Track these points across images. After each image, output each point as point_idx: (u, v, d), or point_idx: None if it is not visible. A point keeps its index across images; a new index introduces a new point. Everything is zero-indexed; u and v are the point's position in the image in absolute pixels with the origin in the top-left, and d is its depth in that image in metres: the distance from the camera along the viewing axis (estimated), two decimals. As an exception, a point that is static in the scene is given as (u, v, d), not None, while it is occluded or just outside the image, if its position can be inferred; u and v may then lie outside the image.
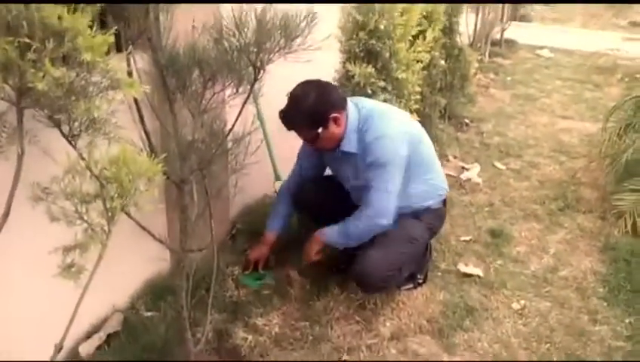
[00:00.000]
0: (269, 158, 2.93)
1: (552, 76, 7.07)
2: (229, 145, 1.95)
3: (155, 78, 1.77)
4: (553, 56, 8.23)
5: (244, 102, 1.77)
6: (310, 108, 2.18)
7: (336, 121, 2.22)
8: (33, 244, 1.57)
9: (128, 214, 1.36)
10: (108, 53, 1.09)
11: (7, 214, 1.16)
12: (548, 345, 2.28)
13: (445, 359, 2.20)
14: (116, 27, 1.63)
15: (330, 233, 2.35)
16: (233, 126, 1.85)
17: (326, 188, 2.58)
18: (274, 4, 1.61)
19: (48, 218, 1.14)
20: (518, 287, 2.65)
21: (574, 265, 2.86)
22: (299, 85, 2.25)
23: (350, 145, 2.28)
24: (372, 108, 2.32)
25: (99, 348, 2.11)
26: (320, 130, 2.21)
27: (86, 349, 2.09)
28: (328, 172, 2.64)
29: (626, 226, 3.11)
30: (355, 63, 2.61)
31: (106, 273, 1.27)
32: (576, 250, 3.02)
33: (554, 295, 2.61)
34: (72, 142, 1.23)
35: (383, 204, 2.25)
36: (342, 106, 2.25)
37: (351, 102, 2.32)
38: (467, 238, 3.05)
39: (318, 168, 2.62)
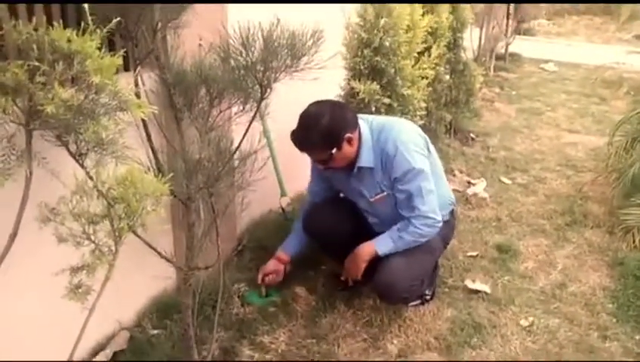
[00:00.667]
0: (274, 174, 2.93)
1: (557, 90, 7.07)
2: (236, 163, 1.95)
3: (162, 97, 1.78)
4: (558, 70, 8.24)
5: (251, 120, 1.78)
6: (324, 130, 2.16)
7: (349, 141, 2.22)
8: (41, 264, 1.57)
9: (135, 233, 1.37)
10: (116, 72, 1.10)
11: (15, 235, 1.17)
12: (557, 362, 2.26)
13: (453, 377, 2.18)
14: (124, 47, 1.65)
15: (384, 242, 2.31)
16: (240, 144, 1.86)
17: (335, 213, 2.55)
18: (280, 19, 1.62)
19: (56, 239, 1.14)
20: (526, 303, 2.63)
21: (583, 281, 2.84)
22: (311, 105, 2.24)
23: (367, 160, 2.27)
24: (381, 121, 2.33)
25: (105, 366, 2.10)
26: (334, 150, 2.20)
27: (92, 367, 2.08)
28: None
29: (634, 241, 3.09)
30: (359, 80, 2.62)
31: (112, 290, 1.27)
32: (584, 265, 2.99)
33: (563, 311, 2.58)
34: (80, 161, 1.24)
35: (430, 206, 2.26)
36: (355, 126, 2.25)
37: (360, 119, 2.32)
38: (474, 254, 3.03)
39: (328, 192, 2.61)
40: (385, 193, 2.34)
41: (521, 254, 3.07)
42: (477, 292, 2.68)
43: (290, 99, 2.21)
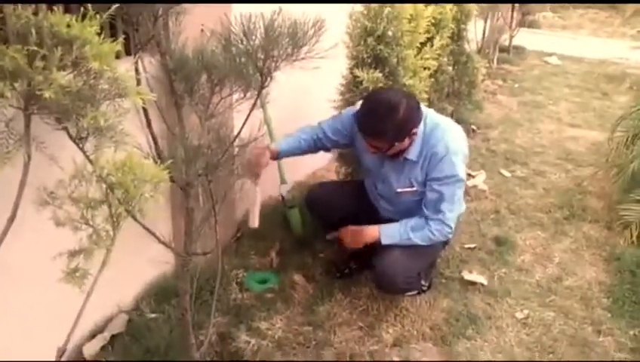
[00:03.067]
0: (275, 162, 2.93)
1: (560, 84, 7.04)
2: (236, 150, 1.95)
3: (163, 83, 1.79)
4: (561, 64, 8.20)
5: (252, 108, 1.78)
6: (399, 122, 2.12)
7: (413, 135, 2.21)
8: (39, 248, 1.58)
9: (134, 217, 1.37)
10: (117, 57, 1.11)
11: (13, 218, 1.18)
12: (551, 355, 2.28)
13: (447, 367, 2.20)
14: (125, 32, 1.65)
15: (391, 234, 2.31)
16: (240, 131, 1.86)
17: (343, 192, 2.58)
18: (283, 10, 1.62)
19: (54, 222, 1.15)
20: (522, 296, 2.65)
21: (579, 275, 2.85)
22: (383, 93, 2.23)
23: (414, 153, 2.26)
24: (436, 119, 2.30)
25: (103, 348, 2.13)
26: (397, 143, 2.18)
27: (90, 349, 2.10)
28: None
29: (631, 237, 3.09)
30: (362, 69, 2.62)
31: (111, 274, 1.28)
32: (581, 259, 3.01)
33: (558, 304, 2.60)
34: (80, 145, 1.24)
35: (454, 214, 2.28)
36: (420, 120, 2.22)
37: None
38: (472, 246, 3.05)
39: (333, 145, 2.56)
40: (414, 188, 2.32)
41: (518, 247, 3.09)
42: (473, 283, 2.70)
43: (291, 86, 2.21)
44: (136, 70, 1.70)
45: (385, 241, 2.30)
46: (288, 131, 2.45)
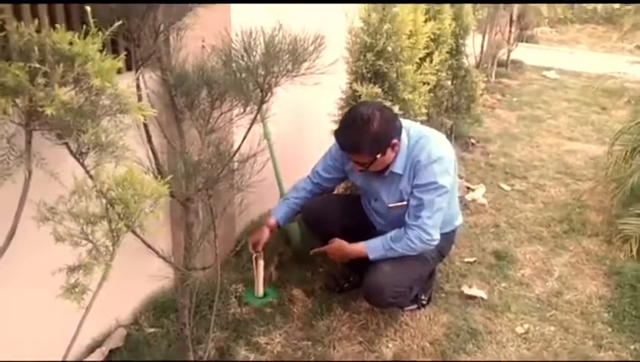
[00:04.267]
0: (273, 176, 2.94)
1: (558, 98, 7.07)
2: (235, 165, 1.96)
3: (163, 98, 1.79)
4: (560, 78, 8.24)
5: (252, 123, 1.79)
6: (375, 134, 2.14)
7: (394, 147, 2.21)
8: (38, 263, 1.58)
9: (134, 232, 1.37)
10: (119, 72, 1.11)
11: (12, 235, 1.18)
12: (551, 370, 2.27)
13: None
14: (127, 48, 1.66)
15: (375, 248, 2.31)
16: (240, 146, 1.86)
17: (339, 205, 2.59)
18: (284, 25, 1.63)
19: (54, 238, 1.15)
20: (522, 311, 2.64)
21: (579, 289, 2.84)
22: (359, 107, 2.23)
23: (399, 166, 2.27)
24: (419, 130, 2.32)
25: (101, 363, 2.11)
26: (379, 155, 2.19)
27: (88, 365, 2.09)
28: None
29: (631, 251, 3.10)
30: (361, 84, 2.63)
31: (109, 288, 1.28)
32: (581, 273, 3.00)
33: (558, 319, 2.59)
34: (80, 160, 1.25)
35: (433, 221, 2.26)
36: (400, 132, 2.24)
37: None
38: (471, 260, 3.04)
39: (333, 183, 2.62)
40: (405, 202, 2.32)
41: (518, 261, 3.08)
42: (473, 298, 2.69)
43: (290, 102, 2.22)
44: (137, 86, 1.71)
45: (372, 256, 2.31)
46: (287, 146, 2.46)
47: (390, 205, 2.38)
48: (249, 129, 1.78)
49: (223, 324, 2.37)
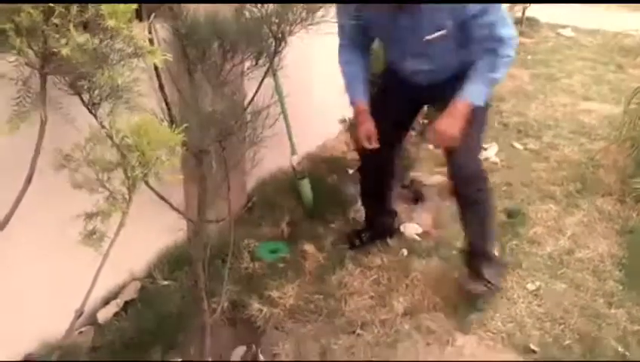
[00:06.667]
0: (285, 132, 2.92)
1: (574, 56, 6.92)
2: (248, 117, 1.94)
3: (175, 48, 1.77)
4: (575, 36, 8.05)
5: (265, 74, 1.76)
6: None
7: None
8: (55, 211, 1.59)
9: (147, 183, 1.37)
10: (130, 21, 1.09)
11: (29, 180, 1.17)
12: (562, 326, 2.28)
13: (458, 337, 2.20)
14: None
15: (477, 92, 2.16)
16: (253, 98, 1.84)
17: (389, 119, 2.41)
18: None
19: (70, 185, 1.15)
20: (533, 268, 2.64)
21: (591, 248, 2.83)
22: None
23: None
24: None
25: (116, 314, 2.15)
26: None
27: (103, 315, 2.13)
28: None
29: (644, 210, 3.08)
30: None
31: (124, 241, 1.28)
32: (593, 232, 2.99)
33: (569, 277, 2.59)
34: (93, 111, 1.24)
35: (513, 29, 2.14)
36: None
37: None
38: (483, 218, 3.03)
39: (367, 35, 2.38)
40: (444, 31, 2.11)
41: (530, 219, 3.07)
42: (485, 255, 2.68)
43: (302, 56, 2.18)
44: (150, 34, 1.68)
45: (479, 101, 2.15)
46: (299, 100, 2.41)
47: (429, 37, 2.14)
48: (262, 80, 1.75)
49: (236, 278, 2.39)
